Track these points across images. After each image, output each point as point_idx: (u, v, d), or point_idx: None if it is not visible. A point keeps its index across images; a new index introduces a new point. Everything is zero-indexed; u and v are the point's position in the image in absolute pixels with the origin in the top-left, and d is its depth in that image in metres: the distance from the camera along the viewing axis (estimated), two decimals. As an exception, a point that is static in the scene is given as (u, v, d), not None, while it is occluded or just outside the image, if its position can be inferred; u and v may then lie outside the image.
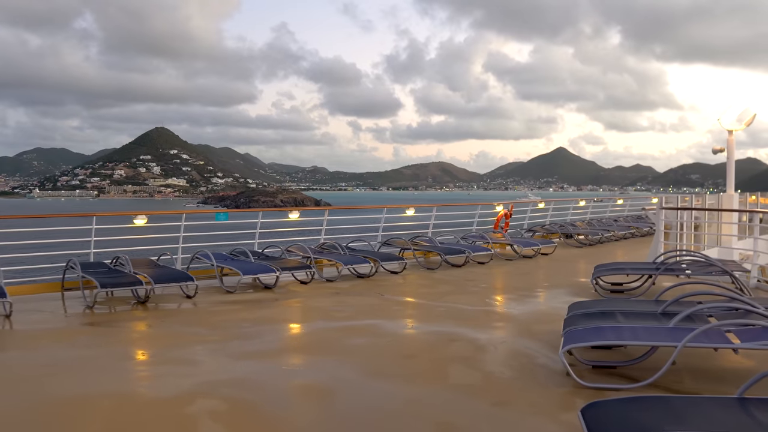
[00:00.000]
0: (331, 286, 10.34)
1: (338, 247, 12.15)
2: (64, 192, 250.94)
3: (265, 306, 8.75)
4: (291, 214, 12.70)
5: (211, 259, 10.32)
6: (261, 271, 9.82)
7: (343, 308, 8.61)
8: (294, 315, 8.32)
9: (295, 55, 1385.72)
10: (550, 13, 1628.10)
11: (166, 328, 7.57)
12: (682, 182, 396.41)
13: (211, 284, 10.28)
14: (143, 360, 6.22)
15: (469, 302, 8.98)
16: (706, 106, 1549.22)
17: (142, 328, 7.54)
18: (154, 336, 7.22)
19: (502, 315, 8.15)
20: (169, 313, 8.35)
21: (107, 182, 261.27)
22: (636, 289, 9.57)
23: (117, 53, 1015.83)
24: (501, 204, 16.68)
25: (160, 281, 8.86)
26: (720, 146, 15.55)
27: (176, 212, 11.46)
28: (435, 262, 12.62)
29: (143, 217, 10.84)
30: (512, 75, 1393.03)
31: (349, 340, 6.78)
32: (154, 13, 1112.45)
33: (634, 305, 6.60)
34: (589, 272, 11.70)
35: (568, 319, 6.18)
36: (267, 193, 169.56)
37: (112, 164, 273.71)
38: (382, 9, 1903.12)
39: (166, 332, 7.35)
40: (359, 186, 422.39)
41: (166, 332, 7.35)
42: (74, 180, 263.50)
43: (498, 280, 11.40)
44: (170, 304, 8.88)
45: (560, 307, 8.55)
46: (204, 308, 8.67)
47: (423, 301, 9.19)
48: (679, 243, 12.32)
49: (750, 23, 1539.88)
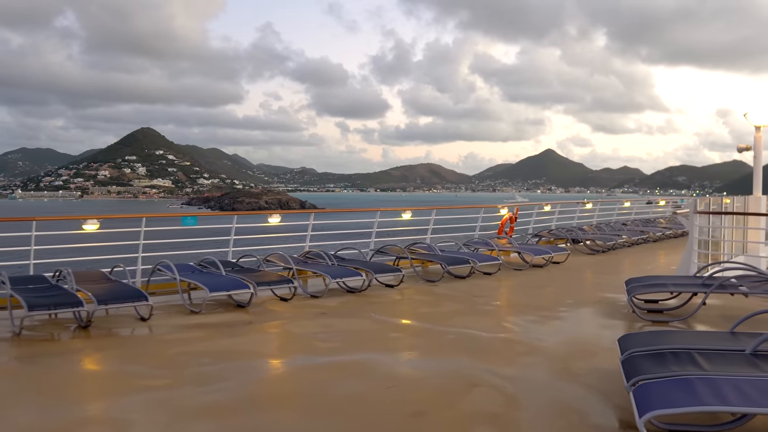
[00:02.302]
0: (316, 303, 8.75)
1: (325, 256, 10.55)
2: (47, 192, 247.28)
3: (234, 332, 7.14)
4: (271, 218, 11.05)
5: (173, 272, 8.69)
6: (232, 287, 8.21)
7: (329, 335, 7.02)
8: (269, 346, 6.69)
9: (280, 55, 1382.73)
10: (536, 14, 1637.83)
11: (101, 366, 5.95)
12: (668, 184, 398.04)
13: (175, 301, 8.67)
14: (52, 420, 4.58)
15: (482, 326, 7.42)
16: (692, 109, 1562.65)
17: (69, 367, 5.87)
18: (82, 378, 5.59)
19: (527, 345, 6.57)
20: (112, 343, 6.71)
21: (91, 183, 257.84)
22: (677, 309, 8.05)
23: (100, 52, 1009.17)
24: (506, 207, 15.12)
25: (106, 301, 7.22)
26: (746, 144, 14.23)
27: (135, 216, 9.80)
28: (436, 273, 11.04)
29: (95, 222, 9.18)
30: (499, 76, 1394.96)
31: (335, 387, 5.19)
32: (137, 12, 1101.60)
33: (707, 340, 5.08)
34: (611, 285, 10.23)
35: (627, 362, 4.62)
36: (252, 194, 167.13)
37: (97, 165, 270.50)
38: (367, 9, 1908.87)
39: (100, 372, 5.73)
40: (347, 187, 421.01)
41: (99, 372, 5.73)
42: (57, 180, 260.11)
43: (511, 296, 9.85)
44: (119, 329, 7.26)
45: (597, 334, 7.02)
46: (158, 335, 7.05)
47: (426, 324, 7.61)
48: (710, 252, 10.81)
49: (734, 26, 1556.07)
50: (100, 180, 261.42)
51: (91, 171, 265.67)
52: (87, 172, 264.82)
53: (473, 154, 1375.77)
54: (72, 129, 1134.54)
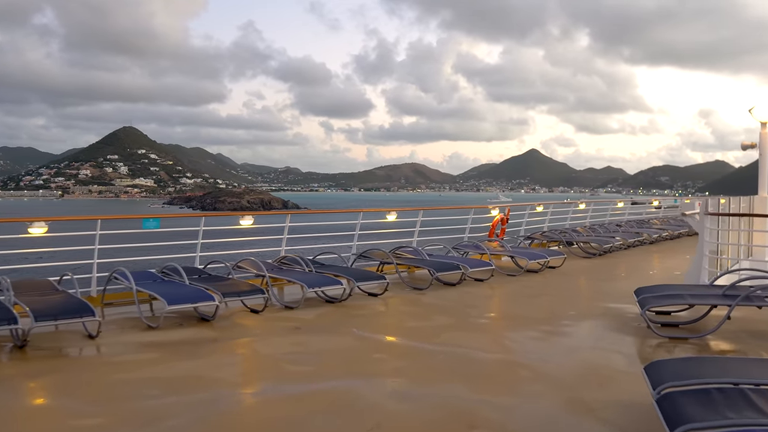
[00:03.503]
0: (290, 316, 7.82)
1: (302, 262, 9.61)
2: (27, 192, 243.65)
3: (194, 352, 6.19)
4: (243, 220, 10.07)
5: (128, 280, 7.72)
6: (195, 299, 7.25)
7: (303, 357, 6.09)
8: (232, 371, 5.73)
9: (262, 54, 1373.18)
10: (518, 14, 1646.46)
11: (29, 399, 4.99)
12: (652, 184, 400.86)
13: (133, 314, 7.68)
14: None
15: (478, 343, 6.54)
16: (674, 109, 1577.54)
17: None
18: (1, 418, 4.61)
19: (530, 369, 5.68)
20: (48, 367, 5.73)
21: (72, 182, 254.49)
22: (695, 323, 7.21)
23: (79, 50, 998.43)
24: (497, 207, 14.24)
25: (46, 316, 6.25)
26: (751, 141, 13.51)
27: (91, 218, 8.79)
28: (424, 280, 10.15)
29: (42, 225, 8.17)
30: (482, 76, 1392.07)
31: (304, 428, 4.28)
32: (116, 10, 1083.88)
33: (758, 370, 4.22)
34: (615, 293, 9.43)
35: (666, 402, 3.72)
36: (234, 193, 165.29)
37: (78, 164, 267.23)
38: (349, 8, 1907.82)
39: (26, 408, 4.76)
40: (332, 187, 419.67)
41: (25, 408, 4.75)
42: (38, 180, 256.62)
43: (507, 306, 8.99)
44: (62, 349, 6.31)
45: (609, 354, 6.16)
46: (105, 357, 6.10)
47: (414, 341, 6.70)
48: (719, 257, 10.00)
49: (714, 27, 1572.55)
50: (82, 179, 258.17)
51: (73, 170, 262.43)
52: (68, 171, 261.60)
53: (458, 154, 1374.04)
54: (53, 128, 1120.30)
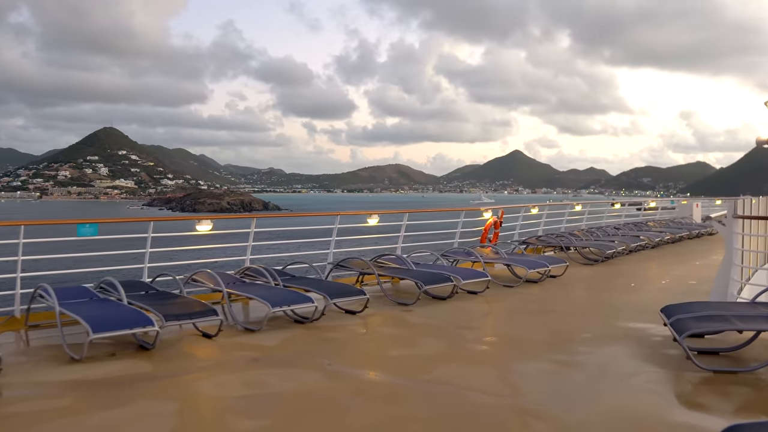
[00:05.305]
0: (250, 342, 6.46)
1: (268, 274, 8.23)
2: (5, 193, 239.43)
3: (117, 398, 4.81)
4: (199, 225, 8.65)
5: (51, 298, 6.33)
6: (128, 324, 5.86)
7: (257, 403, 4.73)
8: (158, 428, 4.35)
9: (243, 53, 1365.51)
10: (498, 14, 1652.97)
11: None
12: (634, 185, 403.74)
13: (57, 340, 6.28)
14: None
15: (478, 381, 5.23)
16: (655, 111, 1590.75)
17: None
18: None
19: (550, 422, 4.36)
20: None
21: (51, 183, 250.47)
22: (737, 350, 5.97)
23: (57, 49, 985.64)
24: (489, 210, 12.94)
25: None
26: (766, 137, 12.43)
27: (13, 223, 7.37)
28: (410, 293, 8.83)
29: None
30: (464, 77, 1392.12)
31: None
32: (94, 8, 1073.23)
33: None
34: (630, 308, 8.22)
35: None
36: (214, 195, 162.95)
37: (57, 165, 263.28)
38: (329, 8, 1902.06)
39: None
40: (315, 188, 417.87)
41: None
42: (16, 181, 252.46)
43: (508, 327, 7.68)
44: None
45: (646, 398, 4.85)
46: (5, 400, 4.72)
47: (400, 378, 5.37)
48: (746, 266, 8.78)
49: (694, 29, 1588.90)
50: (60, 180, 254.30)
51: (51, 171, 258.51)
52: (47, 172, 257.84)
53: (441, 155, 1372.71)
54: (32, 128, 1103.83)
